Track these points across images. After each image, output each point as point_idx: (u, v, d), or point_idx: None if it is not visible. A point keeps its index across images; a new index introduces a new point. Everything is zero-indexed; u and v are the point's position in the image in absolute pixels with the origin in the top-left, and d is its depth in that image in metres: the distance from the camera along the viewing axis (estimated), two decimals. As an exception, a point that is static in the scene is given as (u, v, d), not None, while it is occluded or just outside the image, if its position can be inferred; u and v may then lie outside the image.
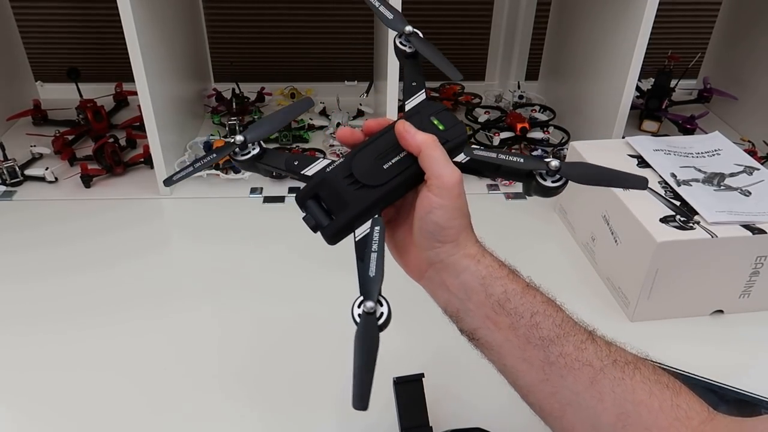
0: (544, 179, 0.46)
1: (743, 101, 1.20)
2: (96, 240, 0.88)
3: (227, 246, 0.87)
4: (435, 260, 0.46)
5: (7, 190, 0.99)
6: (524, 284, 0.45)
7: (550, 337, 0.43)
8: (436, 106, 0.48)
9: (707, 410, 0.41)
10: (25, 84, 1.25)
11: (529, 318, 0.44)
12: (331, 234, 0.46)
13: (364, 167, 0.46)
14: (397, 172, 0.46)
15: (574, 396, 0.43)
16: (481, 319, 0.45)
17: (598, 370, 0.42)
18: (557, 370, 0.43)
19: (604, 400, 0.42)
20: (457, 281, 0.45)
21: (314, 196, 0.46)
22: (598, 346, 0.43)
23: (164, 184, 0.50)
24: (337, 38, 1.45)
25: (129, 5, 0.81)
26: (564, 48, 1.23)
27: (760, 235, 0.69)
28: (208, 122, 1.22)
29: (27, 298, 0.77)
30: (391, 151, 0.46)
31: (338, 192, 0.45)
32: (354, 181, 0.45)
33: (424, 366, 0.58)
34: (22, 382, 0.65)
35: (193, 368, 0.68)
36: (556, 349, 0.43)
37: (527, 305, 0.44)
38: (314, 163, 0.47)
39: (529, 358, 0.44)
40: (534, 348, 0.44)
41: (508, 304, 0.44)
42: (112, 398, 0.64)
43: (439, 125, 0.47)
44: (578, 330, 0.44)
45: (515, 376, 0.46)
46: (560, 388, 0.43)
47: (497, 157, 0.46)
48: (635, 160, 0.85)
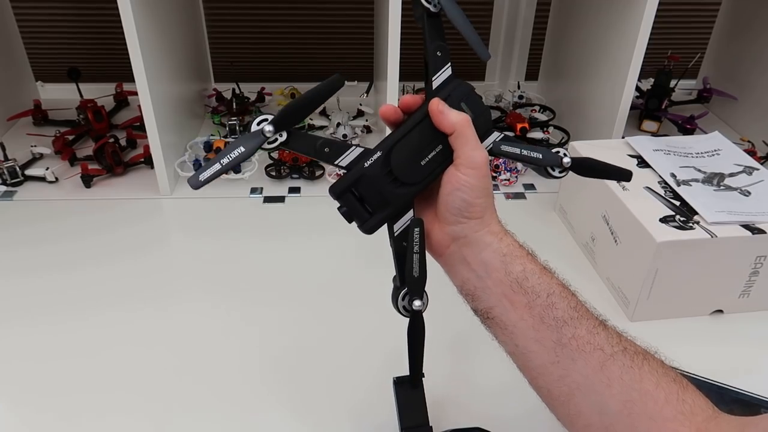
0: (554, 170, 0.50)
1: (743, 101, 1.20)
2: (96, 240, 0.88)
3: (227, 246, 0.87)
4: (459, 235, 0.47)
5: (7, 190, 0.99)
6: (541, 266, 0.47)
7: (564, 318, 0.44)
8: (464, 87, 0.48)
9: (712, 409, 0.41)
10: (25, 84, 1.25)
11: (546, 297, 0.45)
12: (370, 228, 0.48)
13: (403, 164, 0.46)
14: (434, 167, 0.47)
15: (583, 379, 0.43)
16: (498, 297, 0.46)
17: (608, 356, 0.43)
18: (569, 352, 0.43)
19: (612, 386, 0.42)
20: (478, 257, 0.46)
21: (352, 190, 0.47)
22: (610, 334, 0.44)
23: (191, 185, 0.44)
24: (337, 38, 1.45)
25: (129, 5, 0.81)
26: (564, 48, 1.23)
27: (760, 235, 0.69)
28: (208, 122, 1.22)
29: (27, 298, 0.77)
30: (427, 145, 0.47)
31: (378, 189, 0.46)
32: (394, 179, 0.46)
33: (425, 366, 0.58)
34: (23, 376, 0.66)
35: (192, 368, 0.68)
36: (569, 330, 0.44)
37: (544, 285, 0.45)
38: (348, 152, 0.47)
39: (541, 339, 0.44)
40: (547, 328, 0.44)
41: (526, 282, 0.45)
42: (112, 396, 0.64)
43: (468, 112, 0.47)
44: (591, 315, 0.45)
45: (526, 358, 0.46)
46: (570, 371, 0.43)
47: (521, 153, 0.49)
48: (635, 160, 0.85)
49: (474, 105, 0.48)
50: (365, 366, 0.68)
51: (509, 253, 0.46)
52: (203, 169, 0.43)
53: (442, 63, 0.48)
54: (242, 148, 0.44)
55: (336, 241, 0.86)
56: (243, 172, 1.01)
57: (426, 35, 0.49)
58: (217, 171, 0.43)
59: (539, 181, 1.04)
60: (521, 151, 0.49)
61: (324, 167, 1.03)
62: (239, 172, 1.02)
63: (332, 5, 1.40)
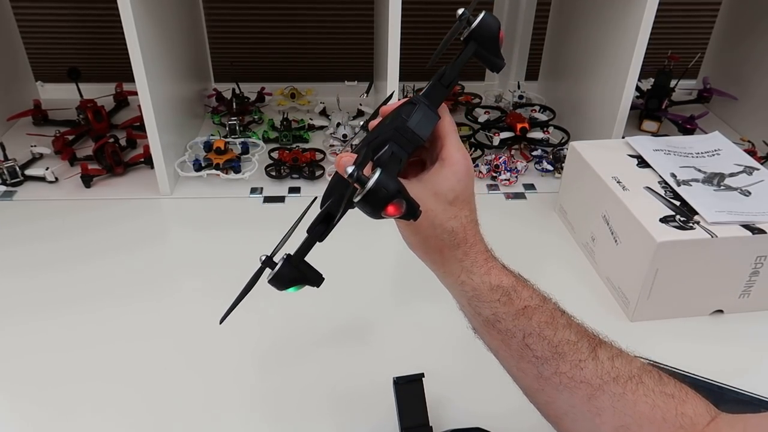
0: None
1: (743, 101, 1.20)
2: (96, 239, 0.88)
3: (227, 246, 0.87)
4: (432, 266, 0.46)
5: (7, 190, 0.99)
6: (520, 307, 0.44)
7: (544, 356, 0.43)
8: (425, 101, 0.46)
9: (712, 411, 0.41)
10: (25, 84, 1.25)
11: (521, 339, 0.43)
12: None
13: None
14: None
15: (570, 408, 0.42)
16: (476, 323, 0.46)
17: (596, 388, 0.42)
18: (552, 385, 0.43)
19: (602, 414, 0.41)
20: (450, 291, 0.46)
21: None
22: (599, 363, 0.42)
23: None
24: (337, 38, 1.45)
25: (129, 5, 0.81)
26: (564, 48, 1.23)
27: (760, 235, 0.69)
28: (208, 122, 1.22)
29: (27, 296, 0.77)
30: None
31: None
32: None
33: (424, 366, 0.58)
34: (23, 373, 0.66)
35: (192, 367, 0.68)
36: (550, 368, 0.43)
37: (519, 327, 0.43)
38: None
39: (523, 369, 0.44)
40: (527, 363, 0.43)
41: (498, 324, 0.44)
42: (111, 395, 0.64)
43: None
44: (578, 350, 0.43)
45: (514, 379, 0.46)
46: (555, 399, 0.43)
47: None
48: (635, 160, 0.85)
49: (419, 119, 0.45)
50: (365, 366, 0.68)
51: (475, 297, 0.44)
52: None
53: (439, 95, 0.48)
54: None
55: (335, 241, 0.86)
56: (243, 172, 1.01)
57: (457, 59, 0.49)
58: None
59: (539, 181, 1.04)
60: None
61: (324, 167, 1.03)
62: (239, 172, 1.01)
63: (332, 5, 1.40)
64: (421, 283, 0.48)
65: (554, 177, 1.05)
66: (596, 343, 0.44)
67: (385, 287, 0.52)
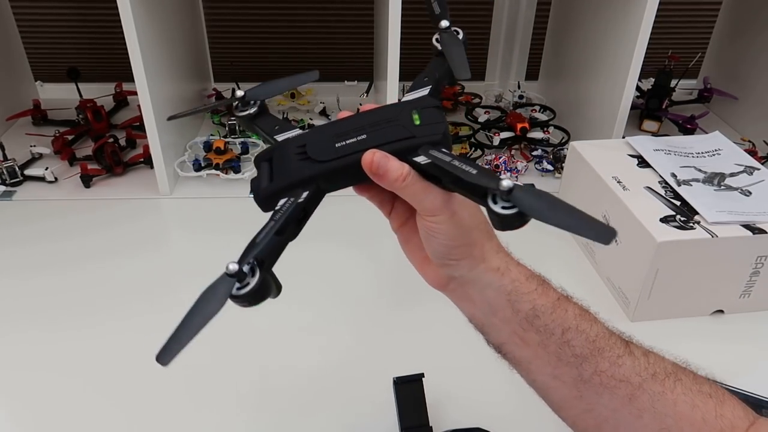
0: (495, 202, 0.36)
1: (743, 101, 1.20)
2: (96, 239, 0.88)
3: (227, 246, 0.87)
4: (454, 275, 0.43)
5: (6, 190, 0.99)
6: (555, 298, 0.42)
7: (583, 354, 0.40)
8: (427, 100, 0.43)
9: (750, 415, 0.40)
10: (25, 84, 1.25)
11: (560, 335, 0.41)
12: (260, 196, 0.44)
13: (317, 142, 0.43)
14: (348, 153, 0.41)
15: (611, 413, 0.40)
16: (508, 334, 0.42)
17: (636, 387, 0.40)
18: (592, 387, 0.40)
19: (643, 417, 0.40)
20: (481, 296, 0.43)
21: (269, 160, 0.44)
22: (636, 359, 0.41)
23: (167, 119, 0.49)
24: (337, 38, 1.45)
25: (129, 5, 0.81)
26: (564, 48, 1.23)
27: (760, 235, 0.69)
28: (208, 122, 1.22)
29: (27, 297, 0.77)
30: (351, 131, 0.42)
31: (285, 159, 0.43)
32: (303, 152, 0.43)
33: (424, 366, 0.58)
34: (23, 375, 0.65)
35: (192, 367, 0.67)
36: (590, 366, 0.40)
37: (558, 321, 0.41)
38: (290, 131, 0.45)
39: (560, 375, 0.41)
40: (566, 365, 0.41)
41: (537, 321, 0.41)
42: (111, 394, 0.64)
43: (417, 120, 0.41)
44: (613, 344, 0.41)
45: (546, 392, 0.44)
46: (595, 405, 0.41)
47: (449, 162, 0.37)
48: (635, 160, 0.85)
49: (428, 115, 0.41)
50: (365, 366, 0.67)
51: (514, 290, 0.42)
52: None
53: (422, 86, 0.44)
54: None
55: (336, 241, 0.86)
56: (243, 172, 1.01)
57: (427, 67, 0.46)
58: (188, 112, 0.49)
59: (539, 181, 1.04)
60: (452, 160, 0.38)
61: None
62: (239, 172, 1.01)
63: (332, 5, 1.40)
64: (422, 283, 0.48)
65: (554, 177, 1.05)
66: (627, 340, 0.42)
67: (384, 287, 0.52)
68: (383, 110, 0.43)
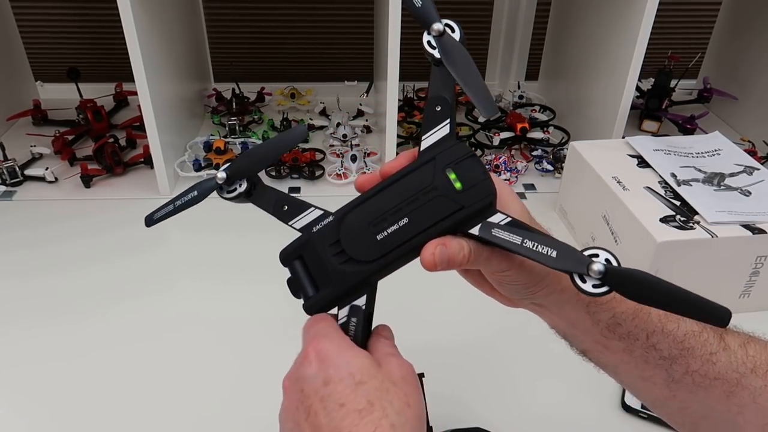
0: (584, 281, 0.33)
1: (743, 101, 1.20)
2: (96, 240, 0.88)
3: (227, 246, 0.87)
4: (532, 302, 0.41)
5: (7, 190, 0.99)
6: (636, 303, 0.37)
7: (671, 356, 0.38)
8: (458, 149, 0.37)
9: None
10: (25, 84, 1.25)
11: (645, 340, 0.39)
12: (309, 307, 0.40)
13: (353, 236, 0.38)
14: (394, 246, 0.37)
15: (708, 410, 0.39)
16: (591, 343, 0.41)
17: (733, 383, 0.38)
18: (684, 387, 0.39)
19: (744, 413, 0.38)
20: (559, 314, 0.41)
21: (300, 257, 0.40)
22: (732, 354, 0.38)
23: (146, 222, 0.46)
24: (337, 38, 1.45)
25: (129, 5, 0.81)
26: (564, 48, 1.23)
27: (760, 235, 0.69)
28: (208, 122, 1.22)
29: (27, 297, 0.77)
30: (388, 215, 0.37)
31: (322, 262, 0.39)
32: (341, 251, 0.38)
33: (424, 366, 0.58)
34: (24, 377, 0.65)
35: (193, 367, 0.68)
36: (680, 367, 0.38)
37: (641, 326, 0.39)
38: (305, 212, 0.40)
39: (649, 377, 0.40)
40: (654, 368, 0.39)
41: (618, 328, 0.39)
42: (112, 394, 0.64)
43: (456, 182, 0.36)
44: (705, 341, 0.39)
45: (637, 392, 0.42)
46: (690, 403, 0.39)
47: (521, 245, 0.34)
48: (635, 160, 0.85)
49: (466, 171, 0.37)
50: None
51: (592, 302, 0.39)
52: (159, 209, 0.45)
53: (438, 120, 0.39)
54: (196, 192, 0.43)
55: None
56: (243, 172, 1.01)
57: (430, 84, 0.41)
58: (170, 212, 0.44)
59: (539, 181, 1.04)
60: (523, 242, 0.34)
61: (324, 167, 1.03)
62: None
63: (332, 5, 1.40)
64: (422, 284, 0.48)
65: (554, 177, 1.05)
66: (722, 330, 0.39)
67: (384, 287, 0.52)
68: (415, 177, 0.37)
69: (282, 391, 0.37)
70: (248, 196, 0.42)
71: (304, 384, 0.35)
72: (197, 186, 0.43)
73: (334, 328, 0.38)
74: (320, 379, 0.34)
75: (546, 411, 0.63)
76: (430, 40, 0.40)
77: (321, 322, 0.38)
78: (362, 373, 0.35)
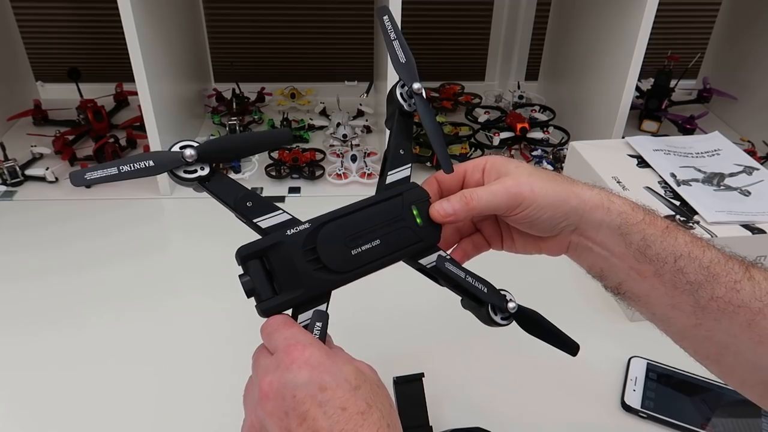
0: (495, 314, 0.45)
1: (743, 101, 1.20)
2: (96, 240, 0.88)
3: (227, 246, 0.87)
4: (570, 230, 0.45)
5: (7, 190, 0.99)
6: (663, 227, 0.43)
7: (698, 280, 0.41)
8: (419, 191, 0.45)
9: None
10: (25, 84, 1.25)
11: (673, 263, 0.42)
12: (267, 309, 0.40)
13: (330, 246, 0.41)
14: (366, 262, 0.42)
15: (731, 338, 0.41)
16: (625, 270, 0.44)
17: (756, 312, 0.40)
18: (710, 313, 0.41)
19: (764, 342, 0.39)
20: (597, 238, 0.44)
21: (261, 258, 0.40)
22: (756, 284, 0.41)
23: (72, 180, 0.38)
24: (337, 38, 1.45)
25: (129, 5, 0.81)
26: (564, 48, 1.23)
27: (760, 234, 0.69)
28: (208, 122, 1.22)
29: (27, 297, 0.77)
30: (363, 234, 0.42)
31: (294, 266, 0.40)
32: (315, 258, 0.40)
33: (424, 366, 0.58)
34: (23, 380, 0.66)
35: (193, 367, 0.68)
36: (705, 293, 0.41)
37: (669, 249, 0.42)
38: (272, 213, 0.41)
39: (678, 304, 0.42)
40: (682, 293, 0.42)
41: (648, 250, 0.42)
42: (112, 395, 0.64)
43: (418, 218, 0.44)
44: (730, 269, 0.41)
45: (666, 323, 0.45)
46: (715, 331, 0.41)
47: (464, 278, 0.44)
48: (635, 160, 0.85)
49: (423, 211, 0.44)
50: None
51: (624, 223, 0.43)
52: (95, 169, 0.38)
53: (402, 162, 0.46)
54: (152, 162, 0.38)
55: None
56: (243, 172, 1.01)
57: (393, 131, 0.46)
58: (112, 176, 0.38)
59: (539, 181, 1.04)
60: (465, 276, 0.44)
61: (324, 167, 1.03)
62: (239, 172, 1.02)
63: (332, 5, 1.40)
64: (422, 283, 0.48)
65: (554, 177, 1.05)
66: (748, 264, 0.42)
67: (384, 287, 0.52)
68: (387, 206, 0.44)
69: (258, 395, 0.37)
70: (203, 183, 0.40)
71: (295, 391, 0.35)
72: (154, 156, 0.39)
73: (310, 335, 0.39)
74: (315, 386, 0.35)
75: (546, 411, 0.63)
76: (403, 93, 0.45)
77: (292, 327, 0.39)
78: (355, 378, 0.37)
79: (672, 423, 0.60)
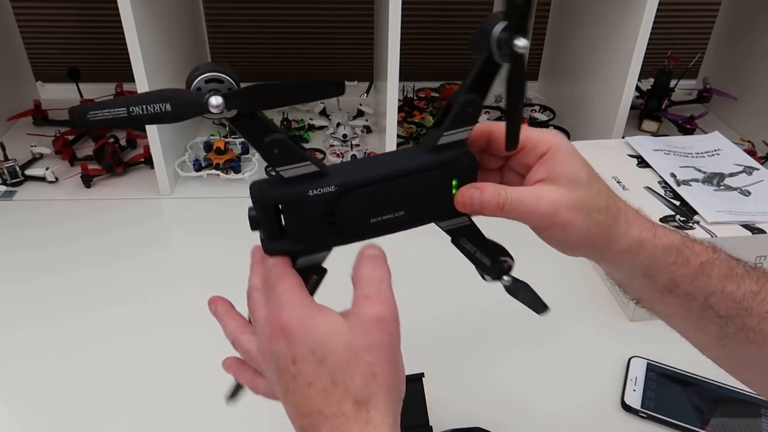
0: (485, 279, 0.46)
1: (743, 101, 1.20)
2: (96, 240, 0.88)
3: (227, 245, 0.87)
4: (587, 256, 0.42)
5: (7, 190, 0.99)
6: (697, 264, 0.39)
7: (728, 315, 0.39)
8: (470, 162, 0.40)
9: None
10: (25, 84, 1.25)
11: (703, 300, 0.39)
12: (270, 249, 0.40)
13: (351, 215, 0.39)
14: (381, 229, 0.40)
15: (756, 361, 0.40)
16: (646, 294, 0.42)
17: None
18: (736, 340, 0.39)
19: None
20: (617, 271, 0.42)
21: (276, 204, 0.38)
22: None
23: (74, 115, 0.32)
24: (337, 38, 1.45)
25: (129, 5, 0.81)
26: (564, 48, 1.23)
27: (760, 234, 0.69)
28: (208, 122, 1.22)
29: (27, 297, 0.77)
30: (388, 205, 0.39)
31: (309, 224, 0.39)
32: (332, 221, 0.39)
33: (424, 366, 0.58)
34: (24, 379, 0.66)
35: (194, 367, 0.68)
36: (734, 325, 0.39)
37: (700, 288, 0.39)
38: (299, 164, 0.37)
39: (702, 328, 0.40)
40: (708, 323, 0.40)
41: (677, 289, 0.40)
42: (112, 394, 0.64)
43: (454, 189, 0.40)
44: (763, 300, 0.39)
45: (688, 339, 0.43)
46: (738, 353, 0.40)
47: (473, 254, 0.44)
48: (635, 160, 0.85)
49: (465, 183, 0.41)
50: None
51: (651, 266, 0.40)
52: (101, 107, 0.32)
53: (466, 121, 0.40)
54: (169, 107, 0.32)
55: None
56: (243, 172, 1.01)
57: (467, 81, 0.41)
58: (119, 118, 0.32)
59: (539, 181, 1.04)
60: (475, 252, 0.43)
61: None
62: (239, 171, 1.01)
63: (332, 5, 1.40)
64: (422, 283, 0.49)
65: (554, 177, 1.05)
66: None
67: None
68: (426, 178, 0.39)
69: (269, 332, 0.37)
70: (233, 122, 0.35)
71: (277, 362, 0.36)
72: (173, 97, 0.32)
73: (295, 291, 0.37)
74: (289, 358, 0.35)
75: (546, 411, 0.63)
76: (501, 40, 0.39)
77: (284, 280, 0.38)
78: (323, 349, 0.34)
79: (672, 423, 0.60)
